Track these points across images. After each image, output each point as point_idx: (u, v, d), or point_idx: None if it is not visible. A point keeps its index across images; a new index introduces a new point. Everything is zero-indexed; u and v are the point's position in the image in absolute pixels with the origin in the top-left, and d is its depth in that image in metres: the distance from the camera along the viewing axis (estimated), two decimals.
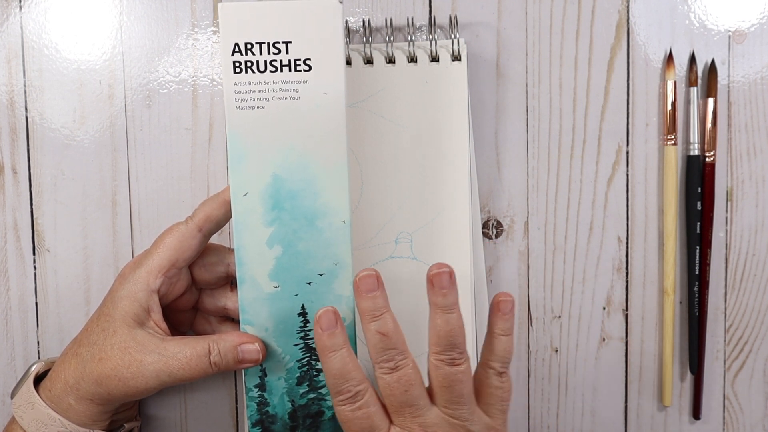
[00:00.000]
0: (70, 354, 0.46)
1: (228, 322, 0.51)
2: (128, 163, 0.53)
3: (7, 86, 0.53)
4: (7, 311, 0.54)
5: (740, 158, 0.54)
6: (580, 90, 0.53)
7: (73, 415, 0.45)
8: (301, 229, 0.46)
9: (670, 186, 0.53)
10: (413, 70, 0.51)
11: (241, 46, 0.44)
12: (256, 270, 0.46)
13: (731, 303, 0.55)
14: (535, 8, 0.53)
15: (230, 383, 0.54)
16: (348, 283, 0.46)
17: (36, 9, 0.53)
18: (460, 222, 0.51)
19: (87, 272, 0.53)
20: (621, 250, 0.54)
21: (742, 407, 0.55)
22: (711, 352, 0.55)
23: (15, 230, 0.53)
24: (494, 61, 0.53)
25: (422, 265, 0.51)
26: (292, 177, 0.45)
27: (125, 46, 0.53)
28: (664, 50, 0.53)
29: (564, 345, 0.55)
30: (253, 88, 0.44)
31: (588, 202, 0.54)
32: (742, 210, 0.54)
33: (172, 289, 0.47)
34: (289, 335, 0.46)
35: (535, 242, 0.54)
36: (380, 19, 0.52)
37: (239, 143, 0.45)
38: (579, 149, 0.53)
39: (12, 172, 0.53)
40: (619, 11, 0.53)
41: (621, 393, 0.55)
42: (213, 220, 0.46)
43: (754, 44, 0.53)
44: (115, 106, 0.53)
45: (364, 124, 0.51)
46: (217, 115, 0.53)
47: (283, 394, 0.47)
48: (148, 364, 0.44)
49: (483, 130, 0.53)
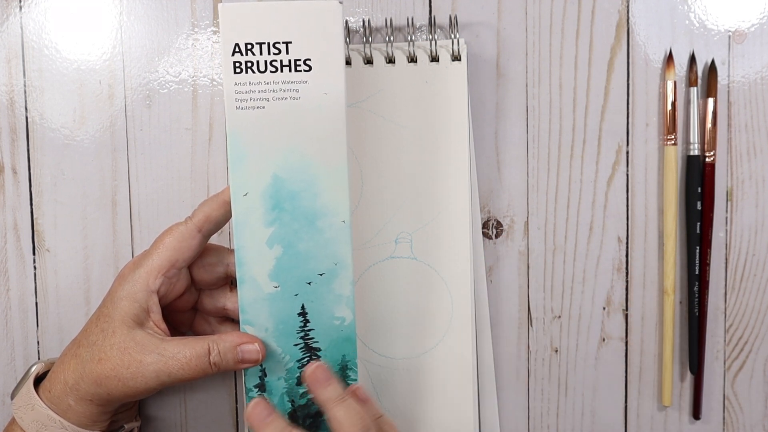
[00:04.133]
0: (70, 355, 0.46)
1: (228, 323, 0.51)
2: (128, 163, 0.53)
3: (7, 86, 0.53)
4: (7, 311, 0.54)
5: (740, 158, 0.54)
6: (580, 90, 0.53)
7: (72, 415, 0.45)
8: (302, 229, 0.46)
9: (670, 186, 0.53)
10: (413, 70, 0.51)
11: (241, 46, 0.44)
12: (256, 270, 0.46)
13: (731, 303, 0.55)
14: (535, 8, 0.53)
15: (230, 383, 0.54)
16: (348, 283, 0.46)
17: (36, 9, 0.53)
18: (460, 222, 0.51)
19: (87, 272, 0.53)
20: (621, 250, 0.54)
21: (742, 407, 0.55)
22: (711, 352, 0.55)
23: (15, 230, 0.53)
24: (494, 61, 0.53)
25: (422, 265, 0.51)
26: (292, 177, 0.45)
27: (125, 46, 0.53)
28: (664, 50, 0.53)
29: (564, 345, 0.55)
30: (254, 88, 0.44)
31: (588, 202, 0.54)
32: (742, 210, 0.54)
33: (172, 290, 0.47)
34: (289, 335, 0.46)
35: (535, 242, 0.54)
36: (380, 19, 0.52)
37: (239, 143, 0.45)
38: (579, 149, 0.53)
39: (12, 172, 0.53)
40: (619, 11, 0.53)
41: (621, 393, 0.55)
42: (212, 221, 0.46)
43: (754, 44, 0.53)
44: (115, 106, 0.53)
45: (364, 124, 0.51)
46: (217, 115, 0.53)
47: (283, 394, 0.47)
48: (147, 364, 0.44)
49: (483, 130, 0.53)
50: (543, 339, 0.54)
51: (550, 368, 0.55)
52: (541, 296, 0.54)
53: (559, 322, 0.54)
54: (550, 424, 0.55)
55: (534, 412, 0.55)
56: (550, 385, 0.55)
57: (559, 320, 0.54)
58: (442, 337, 0.48)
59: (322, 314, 0.46)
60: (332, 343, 0.47)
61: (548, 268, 0.54)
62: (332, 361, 0.47)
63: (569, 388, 0.55)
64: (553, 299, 0.54)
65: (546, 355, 0.55)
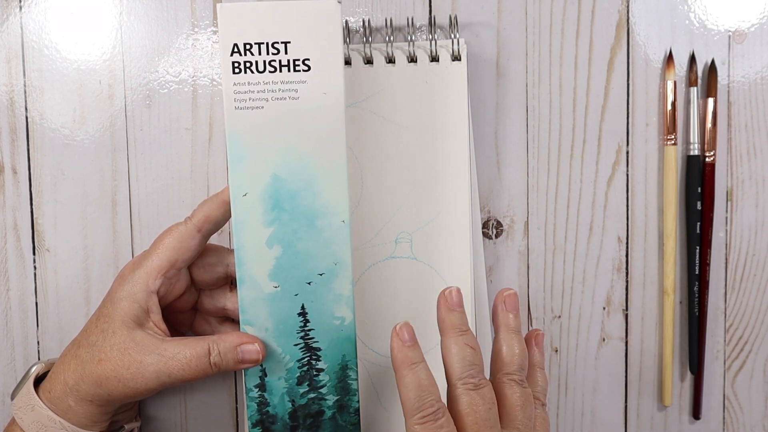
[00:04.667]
0: (70, 355, 0.46)
1: (228, 323, 0.51)
2: (128, 163, 0.53)
3: (7, 86, 0.53)
4: (7, 311, 0.54)
5: (740, 158, 0.54)
6: (580, 90, 0.53)
7: (72, 416, 0.45)
8: (301, 229, 0.46)
9: (670, 186, 0.53)
10: (413, 70, 0.51)
11: (240, 46, 0.44)
12: (256, 270, 0.46)
13: (731, 303, 0.55)
14: (535, 8, 0.53)
15: (230, 383, 0.54)
16: (348, 283, 0.46)
17: (36, 9, 0.53)
18: (460, 222, 0.51)
19: (87, 272, 0.53)
20: (621, 250, 0.54)
21: (742, 407, 0.55)
22: (711, 352, 0.55)
23: (15, 230, 0.53)
24: (494, 61, 0.53)
25: (422, 265, 0.51)
26: (291, 177, 0.45)
27: (125, 46, 0.53)
28: (664, 50, 0.53)
29: (564, 345, 0.55)
30: (252, 88, 0.44)
31: (588, 202, 0.54)
32: (742, 210, 0.54)
33: (172, 290, 0.47)
34: (289, 335, 0.46)
35: (535, 242, 0.54)
36: (380, 19, 0.52)
37: (239, 143, 0.45)
38: (579, 149, 0.53)
39: (12, 172, 0.53)
40: (619, 11, 0.53)
41: (621, 393, 0.55)
42: (212, 221, 0.46)
43: (754, 44, 0.53)
44: (115, 106, 0.53)
45: (364, 124, 0.51)
46: (217, 115, 0.53)
47: (284, 394, 0.47)
48: (147, 365, 0.44)
49: (483, 130, 0.53)
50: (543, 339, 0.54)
51: (550, 368, 0.55)
52: (541, 296, 0.54)
53: (559, 322, 0.54)
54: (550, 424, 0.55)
55: None
56: (550, 385, 0.55)
57: (559, 320, 0.54)
58: None
59: (322, 314, 0.46)
60: (332, 343, 0.47)
61: (548, 268, 0.54)
62: (332, 361, 0.47)
63: (569, 388, 0.55)
64: (553, 299, 0.54)
65: (546, 355, 0.55)
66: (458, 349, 0.43)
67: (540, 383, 0.46)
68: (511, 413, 0.43)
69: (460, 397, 0.42)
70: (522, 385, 0.43)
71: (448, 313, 0.44)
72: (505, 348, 0.44)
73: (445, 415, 0.41)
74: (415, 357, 0.42)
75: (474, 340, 0.43)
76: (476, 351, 0.43)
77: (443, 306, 0.44)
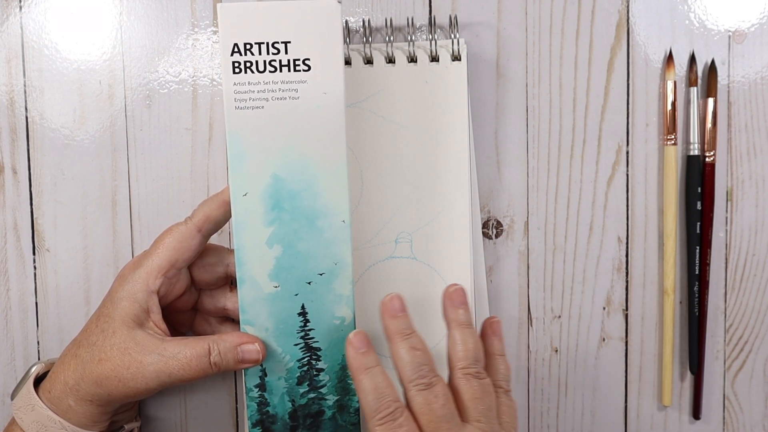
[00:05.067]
0: (70, 355, 0.46)
1: (228, 323, 0.51)
2: (128, 163, 0.53)
3: (7, 86, 0.53)
4: (7, 311, 0.54)
5: (740, 158, 0.54)
6: (580, 90, 0.53)
7: (72, 416, 0.45)
8: (301, 229, 0.46)
9: (670, 186, 0.53)
10: (413, 70, 0.51)
11: (240, 46, 0.44)
12: (256, 270, 0.46)
13: (731, 303, 0.55)
14: (535, 8, 0.53)
15: (230, 383, 0.54)
16: (348, 283, 0.46)
17: (36, 9, 0.53)
18: (460, 222, 0.51)
19: (87, 272, 0.53)
20: (621, 250, 0.54)
21: (742, 407, 0.55)
22: (711, 352, 0.55)
23: (15, 230, 0.53)
24: (494, 61, 0.53)
25: (422, 265, 0.51)
26: (291, 177, 0.45)
27: (125, 46, 0.53)
28: (664, 50, 0.53)
29: (564, 345, 0.55)
30: (253, 88, 0.44)
31: (588, 202, 0.54)
32: (742, 210, 0.54)
33: (172, 290, 0.47)
34: (289, 335, 0.46)
35: (535, 242, 0.54)
36: (380, 19, 0.52)
37: (239, 143, 0.45)
38: (579, 149, 0.53)
39: (12, 172, 0.53)
40: (619, 11, 0.53)
41: (621, 393, 0.55)
42: (212, 221, 0.46)
43: (754, 44, 0.53)
44: (115, 106, 0.53)
45: (364, 124, 0.51)
46: (217, 115, 0.53)
47: (284, 394, 0.47)
48: (147, 364, 0.44)
49: (483, 130, 0.53)
50: (543, 339, 0.54)
51: (550, 368, 0.55)
52: (541, 296, 0.54)
53: (559, 322, 0.54)
54: (550, 424, 0.55)
55: (534, 412, 0.55)
56: (550, 385, 0.55)
57: (559, 320, 0.54)
58: (442, 337, 0.48)
59: (322, 314, 0.46)
60: (332, 342, 0.47)
61: (548, 268, 0.54)
62: (332, 360, 0.47)
63: (569, 388, 0.55)
64: (553, 299, 0.54)
65: (546, 355, 0.55)
66: (405, 352, 0.44)
67: (501, 371, 0.47)
68: (470, 406, 0.43)
69: (414, 398, 0.43)
70: (479, 377, 0.44)
71: (391, 320, 0.45)
72: (458, 343, 0.45)
73: (403, 414, 0.42)
74: (369, 362, 0.44)
75: (421, 342, 0.44)
76: (424, 352, 0.44)
77: (385, 314, 0.45)
